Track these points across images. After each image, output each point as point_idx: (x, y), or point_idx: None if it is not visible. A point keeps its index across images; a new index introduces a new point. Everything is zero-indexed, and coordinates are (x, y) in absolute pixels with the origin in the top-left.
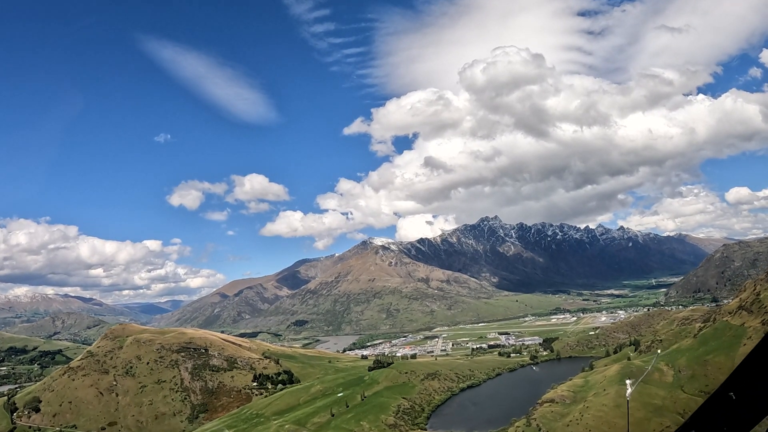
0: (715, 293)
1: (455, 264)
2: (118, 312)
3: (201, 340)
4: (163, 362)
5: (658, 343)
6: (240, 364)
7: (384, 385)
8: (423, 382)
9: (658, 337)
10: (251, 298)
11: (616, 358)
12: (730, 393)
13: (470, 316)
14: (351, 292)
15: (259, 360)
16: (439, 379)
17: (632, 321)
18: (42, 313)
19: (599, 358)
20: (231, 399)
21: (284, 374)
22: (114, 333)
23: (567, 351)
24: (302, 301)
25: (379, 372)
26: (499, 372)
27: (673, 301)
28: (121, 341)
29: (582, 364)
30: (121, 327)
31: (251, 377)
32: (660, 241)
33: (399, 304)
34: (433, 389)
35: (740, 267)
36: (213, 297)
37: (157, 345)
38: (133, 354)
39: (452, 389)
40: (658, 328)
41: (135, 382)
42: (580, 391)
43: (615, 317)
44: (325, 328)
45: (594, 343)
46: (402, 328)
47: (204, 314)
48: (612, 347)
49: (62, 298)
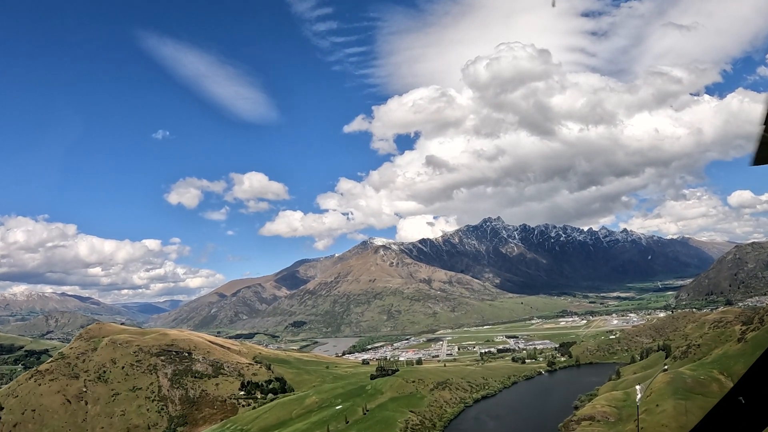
0: (728, 296)
1: (457, 265)
2: (116, 311)
3: (184, 342)
4: (140, 367)
5: (696, 349)
6: (227, 370)
7: (389, 396)
8: (432, 392)
9: (694, 342)
10: (249, 299)
11: (646, 365)
12: (740, 397)
13: (474, 318)
14: (351, 292)
15: (248, 365)
16: (450, 388)
17: (655, 324)
18: (38, 311)
19: (624, 365)
20: (214, 410)
21: (276, 382)
22: (89, 333)
23: (587, 356)
24: (301, 301)
25: (383, 381)
26: (515, 380)
27: (684, 303)
28: (96, 342)
29: (604, 371)
30: (98, 326)
31: (239, 385)
32: (664, 244)
33: (400, 306)
34: (444, 400)
35: (754, 269)
36: (211, 297)
37: (135, 347)
38: (108, 357)
39: (465, 400)
40: (688, 332)
41: (107, 389)
42: (624, 407)
43: (627, 320)
44: (323, 329)
45: (616, 347)
46: (403, 330)
47: (201, 314)
48: (636, 352)
49: (59, 297)
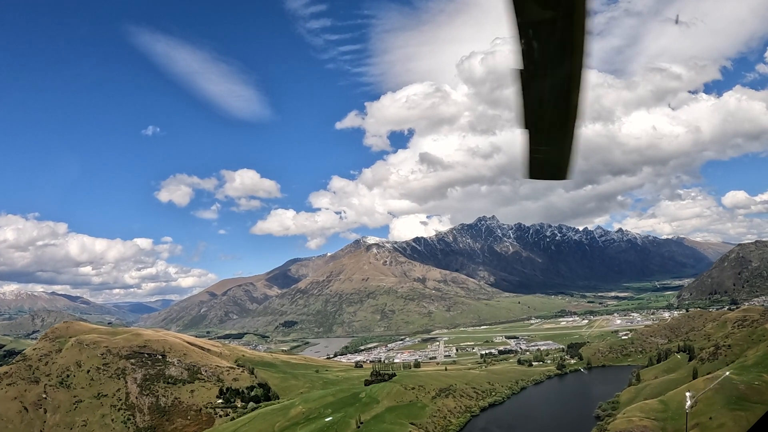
0: (733, 295)
1: (452, 264)
2: (106, 311)
3: (159, 343)
4: (108, 370)
5: (726, 350)
6: (204, 375)
7: (386, 405)
8: (435, 400)
9: (722, 342)
10: (239, 298)
11: (667, 368)
12: None
13: (470, 318)
14: (343, 291)
15: (229, 369)
16: (455, 395)
17: (669, 324)
18: (26, 311)
19: (641, 367)
20: (187, 421)
21: (259, 388)
22: (55, 333)
23: (598, 359)
24: (292, 300)
25: (379, 387)
26: (524, 385)
27: (687, 303)
28: (62, 343)
29: (619, 374)
30: (65, 325)
31: (217, 391)
32: (659, 244)
33: (394, 305)
34: (447, 409)
35: (758, 267)
36: (202, 296)
37: (103, 348)
38: (73, 359)
39: (471, 409)
40: (709, 331)
41: (69, 395)
42: (667, 419)
43: (631, 320)
44: (315, 329)
45: (629, 349)
46: (398, 330)
47: (190, 314)
48: (653, 354)
49: (48, 296)
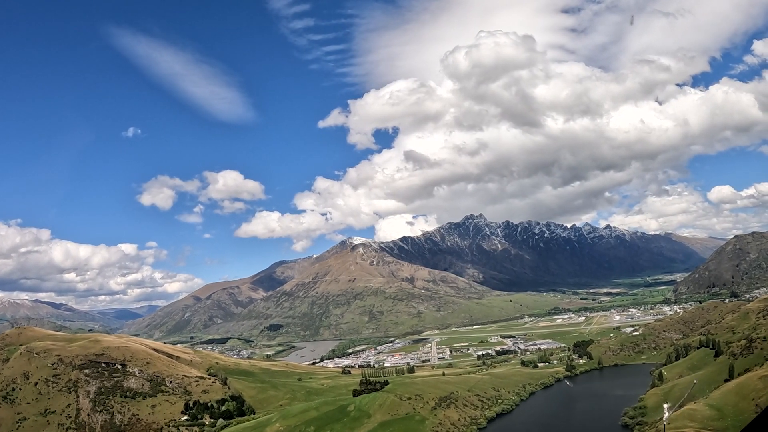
0: (732, 287)
1: (440, 263)
2: (90, 318)
3: (119, 350)
4: (58, 383)
5: (762, 342)
6: (169, 386)
7: (378, 419)
8: (435, 412)
9: (752, 335)
10: (224, 301)
11: (691, 365)
12: None
13: (462, 317)
14: (330, 293)
15: (198, 380)
16: (457, 405)
17: (683, 317)
18: (8, 318)
19: (660, 365)
20: None
21: (231, 401)
22: (5, 340)
23: (610, 358)
24: (277, 303)
25: (370, 398)
26: (532, 390)
27: (684, 297)
28: (10, 351)
29: (634, 374)
30: (17, 331)
31: (182, 406)
32: (648, 240)
33: (382, 306)
34: (450, 422)
35: (756, 259)
36: (186, 300)
37: (55, 358)
38: (21, 370)
39: (477, 420)
40: (732, 324)
41: (12, 412)
42: (728, 427)
43: (630, 316)
44: (301, 332)
45: (642, 345)
46: (387, 331)
47: (174, 319)
48: (670, 350)
49: (31, 304)
